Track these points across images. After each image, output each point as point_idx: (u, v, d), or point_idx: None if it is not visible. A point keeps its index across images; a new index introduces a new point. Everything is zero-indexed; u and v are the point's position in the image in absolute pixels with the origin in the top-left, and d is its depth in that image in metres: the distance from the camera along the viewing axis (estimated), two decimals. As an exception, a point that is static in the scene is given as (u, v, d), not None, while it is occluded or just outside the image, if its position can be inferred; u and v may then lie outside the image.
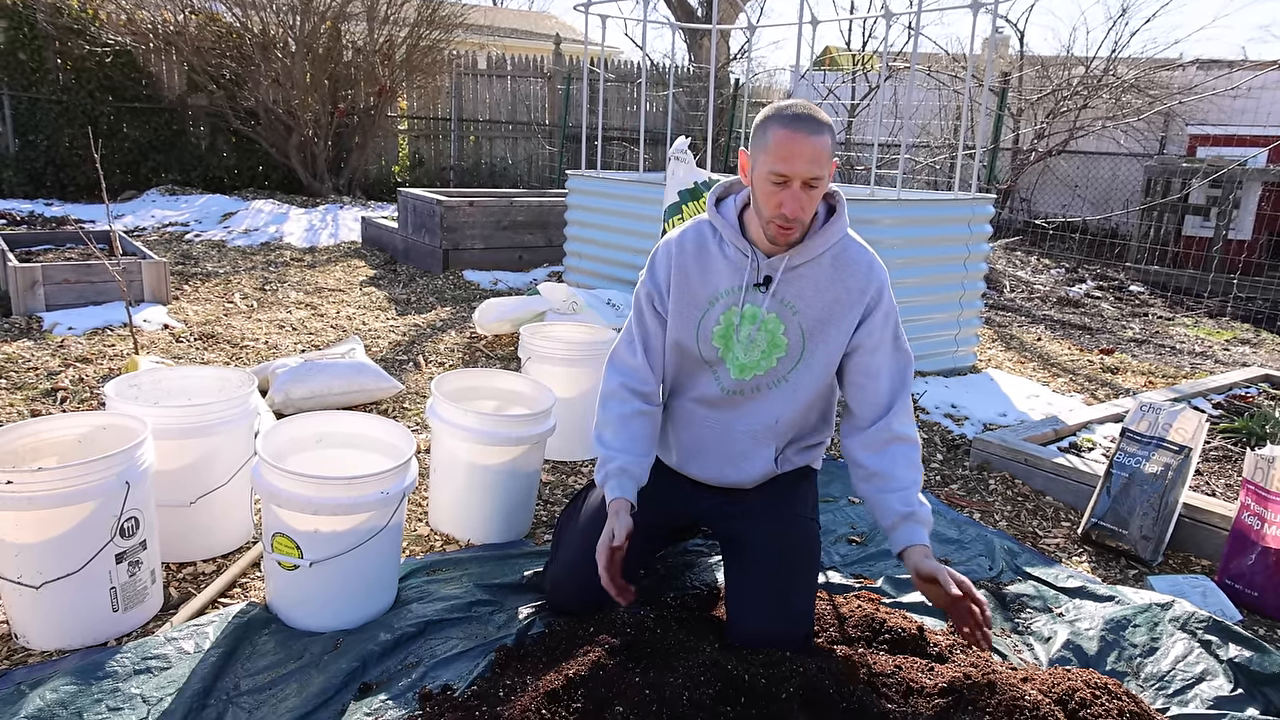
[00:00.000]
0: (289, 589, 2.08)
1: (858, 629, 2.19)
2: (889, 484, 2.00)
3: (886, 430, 2.03)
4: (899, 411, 2.04)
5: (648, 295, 2.12)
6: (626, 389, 2.11)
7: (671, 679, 1.76)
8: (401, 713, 1.82)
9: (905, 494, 1.98)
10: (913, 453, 2.04)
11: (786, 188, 1.86)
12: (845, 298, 2.01)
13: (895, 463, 2.01)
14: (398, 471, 2.07)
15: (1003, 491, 3.17)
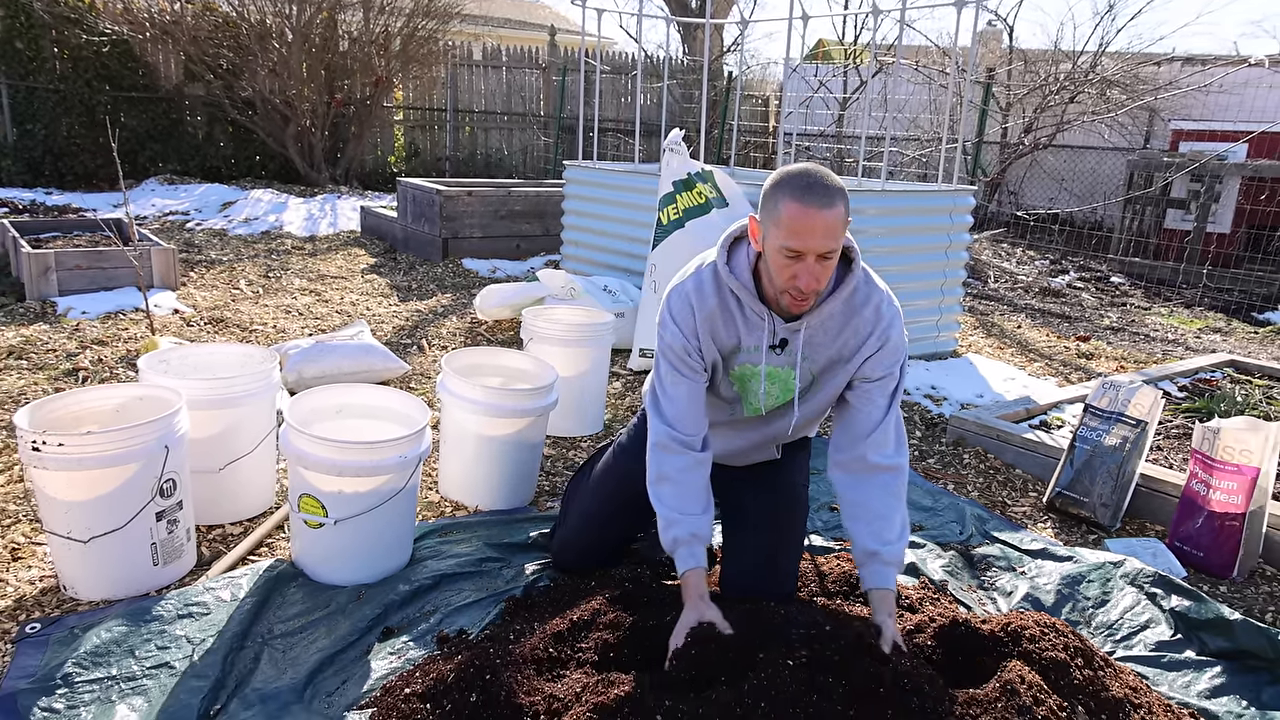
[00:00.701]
0: (314, 546, 2.26)
1: (836, 585, 2.39)
2: (861, 512, 2.01)
3: (866, 458, 2.01)
4: (883, 440, 2.02)
5: (683, 349, 2.03)
6: (677, 441, 2.03)
7: (667, 620, 1.96)
8: (422, 652, 2.01)
9: (876, 527, 1.98)
10: (893, 482, 2.01)
11: (800, 261, 1.80)
12: (854, 340, 2.00)
13: (871, 492, 2.01)
14: (414, 438, 2.26)
15: (976, 465, 3.37)
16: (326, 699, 1.85)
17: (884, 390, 2.04)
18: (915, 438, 3.65)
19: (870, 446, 2.02)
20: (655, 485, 2.07)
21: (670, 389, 2.06)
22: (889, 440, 2.04)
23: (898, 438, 2.07)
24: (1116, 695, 1.81)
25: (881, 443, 2.03)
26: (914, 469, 3.29)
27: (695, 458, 2.05)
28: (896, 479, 2.03)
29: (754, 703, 1.62)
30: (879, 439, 2.03)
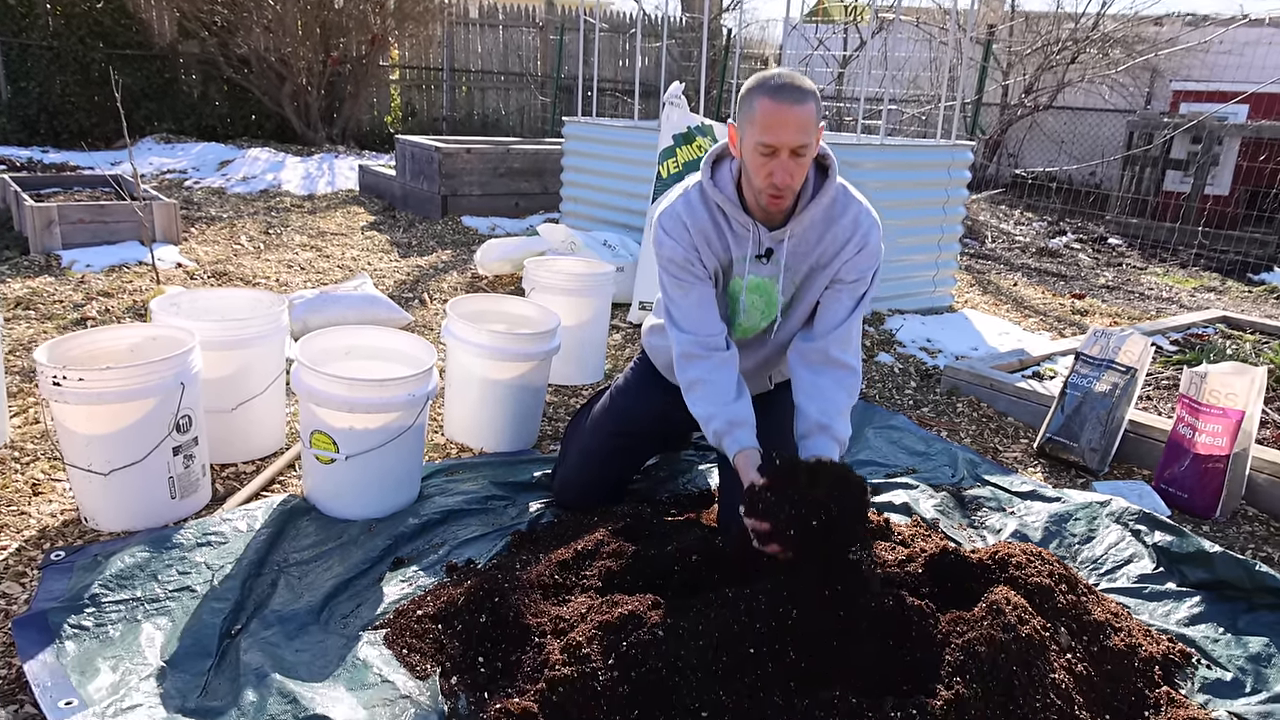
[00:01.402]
0: (326, 481, 2.33)
1: (831, 522, 2.46)
2: (815, 393, 2.08)
3: (827, 351, 2.11)
4: (845, 339, 2.12)
5: (684, 258, 2.10)
6: (699, 345, 2.11)
7: (668, 549, 2.03)
8: (432, 580, 2.09)
9: (826, 407, 2.05)
10: (848, 378, 2.11)
11: (775, 158, 1.89)
12: (833, 246, 2.11)
13: (827, 381, 2.09)
14: (422, 377, 2.32)
15: (969, 413, 3.44)
16: (342, 620, 1.93)
17: (853, 294, 2.15)
18: (910, 388, 3.72)
19: (832, 342, 2.12)
20: (689, 393, 2.14)
21: (680, 299, 2.14)
22: (849, 341, 2.15)
23: (857, 345, 2.18)
24: (1098, 619, 1.90)
25: (843, 340, 2.13)
26: (909, 418, 3.37)
27: (721, 357, 2.13)
28: (851, 378, 2.13)
29: (749, 620, 1.70)
30: (841, 335, 2.13)
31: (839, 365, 2.12)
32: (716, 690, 1.60)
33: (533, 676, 1.70)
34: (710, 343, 2.12)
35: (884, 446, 3.09)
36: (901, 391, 3.67)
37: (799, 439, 2.07)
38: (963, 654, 1.64)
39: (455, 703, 1.69)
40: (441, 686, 1.71)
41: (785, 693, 1.61)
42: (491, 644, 1.82)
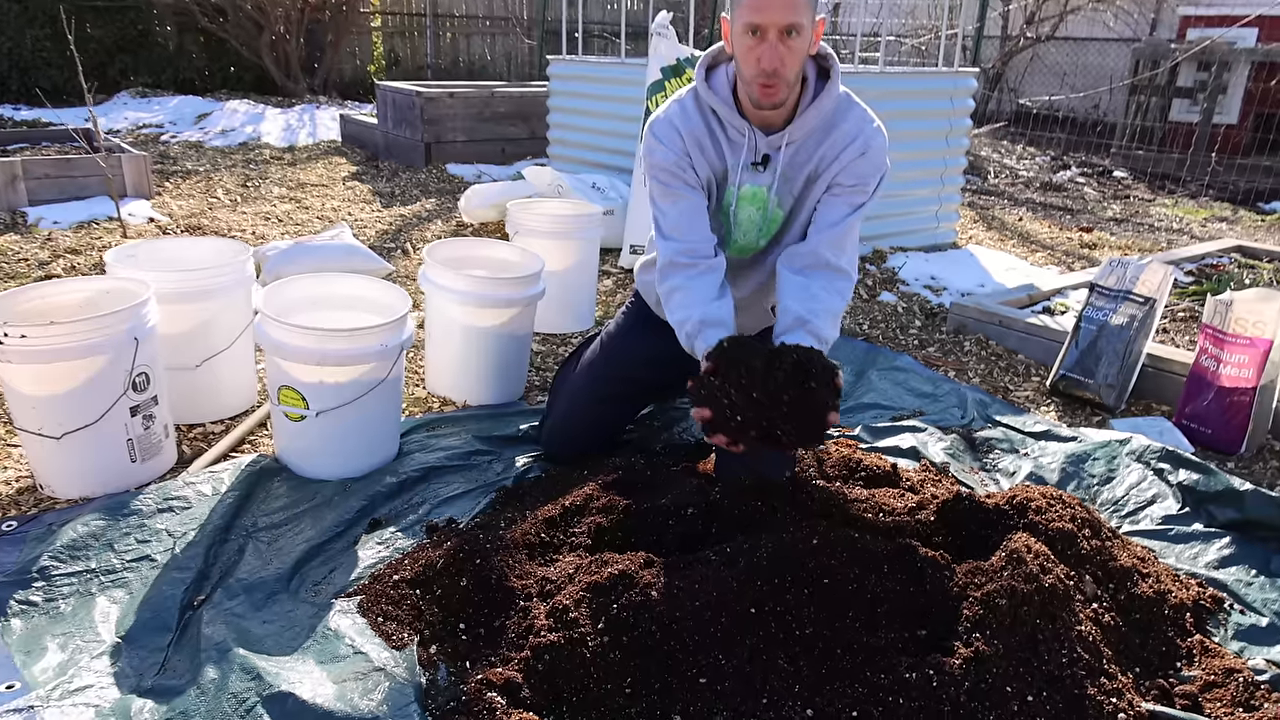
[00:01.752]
0: (297, 439, 2.19)
1: (836, 469, 2.33)
2: (801, 292, 1.93)
3: (818, 252, 1.97)
4: (838, 242, 1.98)
5: (675, 164, 1.98)
6: (683, 254, 1.98)
7: (662, 502, 1.89)
8: (410, 541, 1.95)
9: (813, 305, 1.89)
10: (839, 281, 1.97)
11: (763, 40, 1.79)
12: (832, 151, 1.97)
13: (817, 281, 1.94)
14: (395, 325, 2.16)
15: (977, 352, 3.29)
16: (314, 587, 1.80)
17: (850, 200, 2.01)
18: (915, 327, 3.57)
19: (825, 244, 1.98)
20: (667, 302, 2.02)
21: (669, 209, 2.02)
22: (844, 246, 2.00)
23: (852, 253, 2.02)
24: (1124, 565, 1.77)
25: (836, 244, 1.98)
26: (914, 358, 3.22)
27: (707, 264, 2.00)
28: (843, 282, 1.98)
29: (751, 577, 1.57)
30: (834, 238, 1.98)
31: (830, 268, 1.97)
32: (715, 654, 1.47)
33: (518, 644, 1.57)
34: (696, 250, 1.99)
35: (889, 389, 2.94)
36: (906, 331, 3.52)
37: (775, 338, 1.89)
38: (982, 608, 1.51)
39: (434, 674, 1.56)
40: (419, 656, 1.59)
41: (791, 655, 1.48)
42: (473, 609, 1.69)
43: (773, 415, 1.66)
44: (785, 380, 1.66)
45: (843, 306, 1.97)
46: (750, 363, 1.68)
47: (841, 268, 1.99)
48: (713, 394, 1.67)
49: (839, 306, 1.96)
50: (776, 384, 1.65)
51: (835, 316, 1.95)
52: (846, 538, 1.65)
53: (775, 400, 1.65)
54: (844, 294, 1.98)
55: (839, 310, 1.96)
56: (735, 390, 1.65)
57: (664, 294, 2.02)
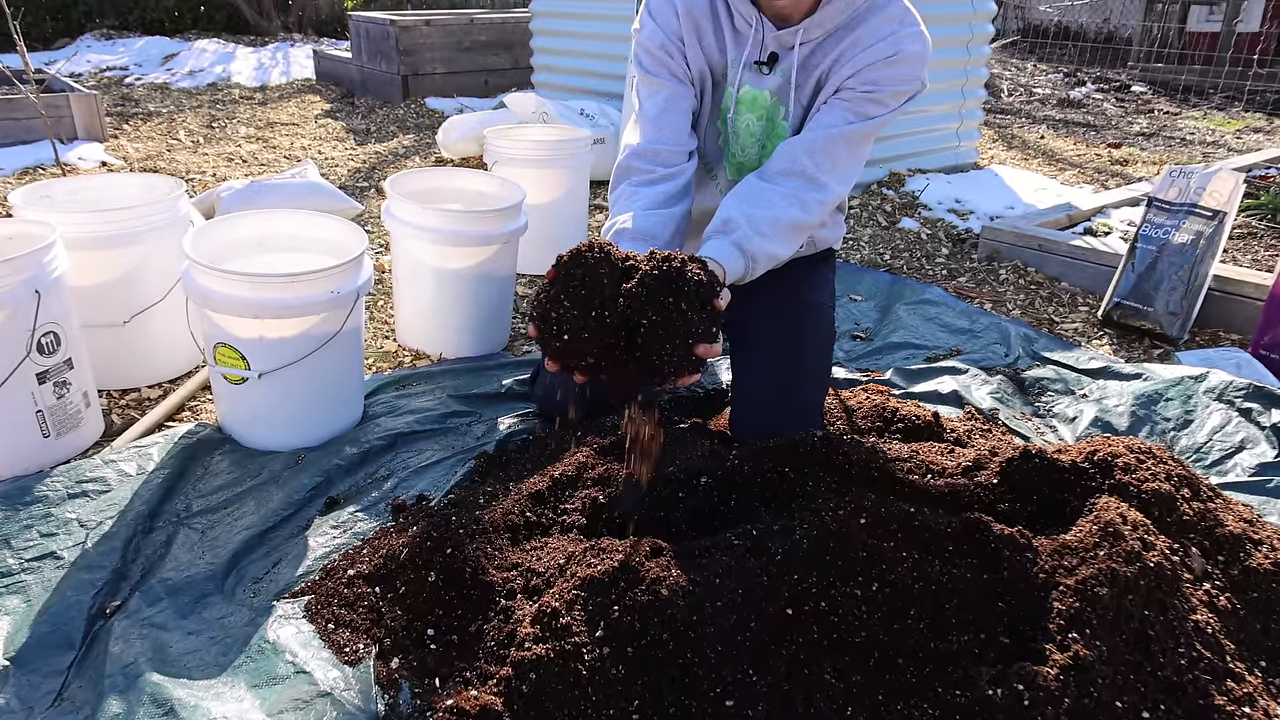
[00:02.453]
0: (240, 405, 1.87)
1: (868, 420, 2.01)
2: (744, 196, 1.56)
3: (792, 156, 1.58)
4: (823, 150, 1.59)
5: (662, 46, 1.67)
6: (644, 158, 1.65)
7: (669, 470, 1.58)
8: (372, 524, 1.64)
9: (753, 211, 1.52)
10: (806, 191, 1.57)
11: None
12: (852, 51, 1.61)
13: (774, 187, 1.57)
14: (348, 268, 1.82)
15: (1014, 281, 2.96)
16: (253, 585, 1.49)
17: (856, 109, 1.61)
18: (941, 256, 3.22)
19: (804, 148, 1.59)
20: (610, 209, 1.66)
21: (646, 101, 1.69)
22: (834, 157, 1.60)
23: (844, 172, 1.63)
24: (1233, 531, 1.46)
25: (824, 150, 1.59)
26: (944, 289, 2.88)
27: (663, 172, 1.64)
28: (810, 192, 1.59)
29: (785, 568, 1.26)
30: (818, 143, 1.59)
31: (804, 177, 1.59)
32: (744, 668, 1.17)
33: (498, 654, 1.27)
34: (660, 155, 1.64)
35: (920, 325, 2.61)
36: (932, 260, 3.18)
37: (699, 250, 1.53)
38: (1077, 599, 1.20)
39: (395, 696, 1.26)
40: (377, 673, 1.29)
41: (840, 668, 1.18)
42: (444, 610, 1.38)
43: (614, 341, 1.27)
44: (641, 299, 1.25)
45: (803, 220, 1.57)
46: (596, 271, 1.27)
47: (817, 178, 1.59)
48: (545, 308, 1.29)
49: (796, 218, 1.56)
50: (628, 302, 1.25)
51: (786, 229, 1.55)
52: (901, 513, 1.34)
53: (621, 323, 1.26)
54: (809, 207, 1.58)
55: (796, 223, 1.56)
56: (574, 305, 1.26)
57: (611, 202, 1.69)
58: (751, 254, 1.51)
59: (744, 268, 1.52)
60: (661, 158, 1.65)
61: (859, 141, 1.65)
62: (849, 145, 1.63)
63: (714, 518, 1.54)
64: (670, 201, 1.63)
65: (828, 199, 1.62)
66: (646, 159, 1.65)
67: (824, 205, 1.63)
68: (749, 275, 1.54)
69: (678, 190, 1.65)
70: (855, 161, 1.68)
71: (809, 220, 1.60)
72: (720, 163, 1.80)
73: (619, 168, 1.69)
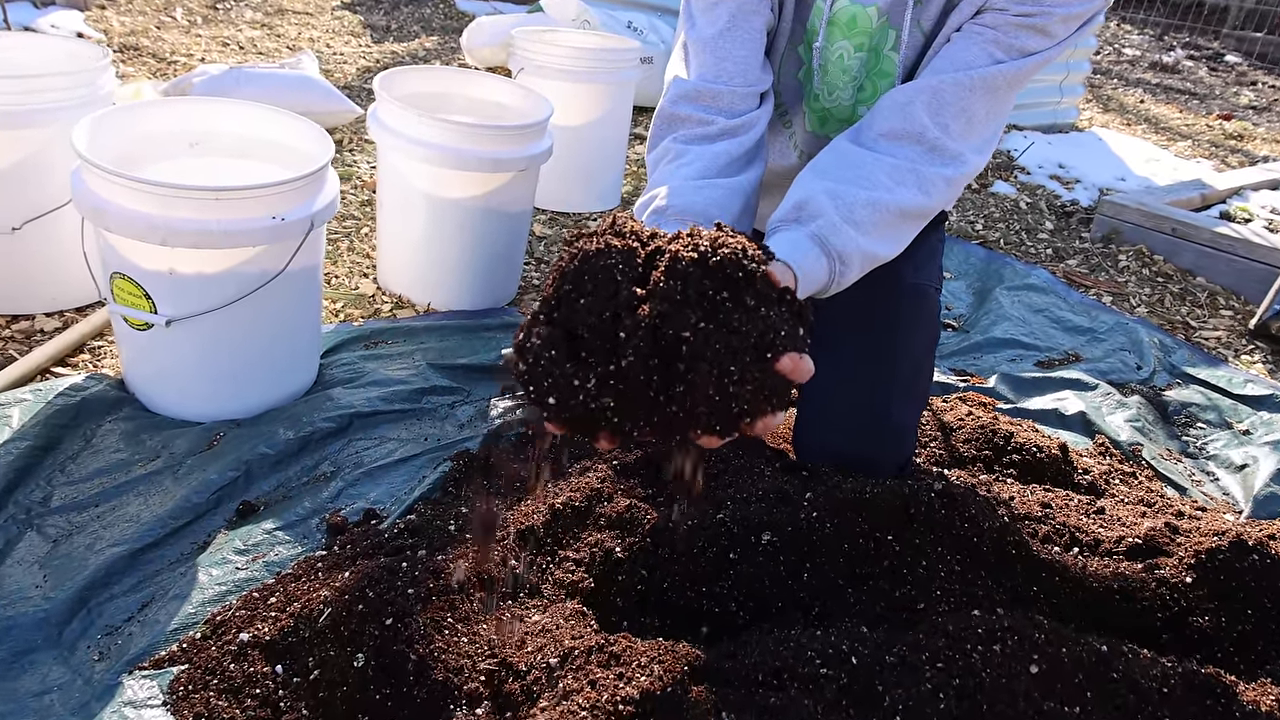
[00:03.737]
0: (145, 358, 1.40)
1: (973, 446, 1.53)
2: (829, 168, 1.06)
3: (907, 111, 1.07)
4: (952, 101, 1.07)
5: None
6: (699, 99, 1.12)
7: (716, 518, 1.10)
8: (296, 550, 1.18)
9: (840, 184, 1.02)
10: (928, 163, 1.06)
11: None
12: None
13: (881, 153, 1.06)
14: (302, 187, 1.33)
15: (1137, 270, 2.43)
16: (102, 640, 1.03)
17: (1007, 41, 1.08)
18: (1045, 231, 2.69)
19: (924, 98, 1.06)
20: (650, 171, 1.13)
21: (701, 18, 1.15)
22: (968, 111, 1.07)
23: (982, 133, 1.10)
24: None
25: (955, 103, 1.07)
26: (1051, 272, 2.36)
27: (723, 125, 1.10)
28: (938, 166, 1.06)
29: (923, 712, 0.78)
30: (953, 92, 1.06)
31: (916, 139, 1.06)
32: None
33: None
34: (721, 98, 1.11)
35: (1027, 318, 2.10)
36: (1034, 235, 2.65)
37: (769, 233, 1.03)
38: None
39: None
40: (255, 822, 0.84)
41: None
42: (372, 718, 0.92)
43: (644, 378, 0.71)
44: (676, 297, 0.71)
45: (920, 205, 1.05)
46: (611, 286, 0.72)
47: (943, 145, 1.07)
48: (534, 354, 0.72)
49: (909, 202, 1.04)
50: (657, 307, 0.71)
51: (893, 219, 1.03)
52: (1091, 655, 0.86)
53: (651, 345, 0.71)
54: (929, 186, 1.06)
55: (909, 209, 1.04)
56: (580, 348, 0.72)
57: (649, 166, 1.16)
58: (839, 252, 0.98)
59: (828, 273, 0.98)
60: (723, 102, 1.12)
61: (1006, 91, 1.10)
62: (991, 97, 1.09)
63: (778, 593, 1.07)
64: (734, 167, 1.10)
65: (958, 175, 1.09)
66: (701, 103, 1.12)
67: (951, 185, 1.09)
68: (834, 285, 1.00)
69: (745, 150, 1.12)
70: (997, 121, 1.14)
71: (927, 205, 1.07)
72: (797, 107, 1.27)
73: (660, 116, 1.15)
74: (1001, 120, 1.16)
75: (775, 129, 1.30)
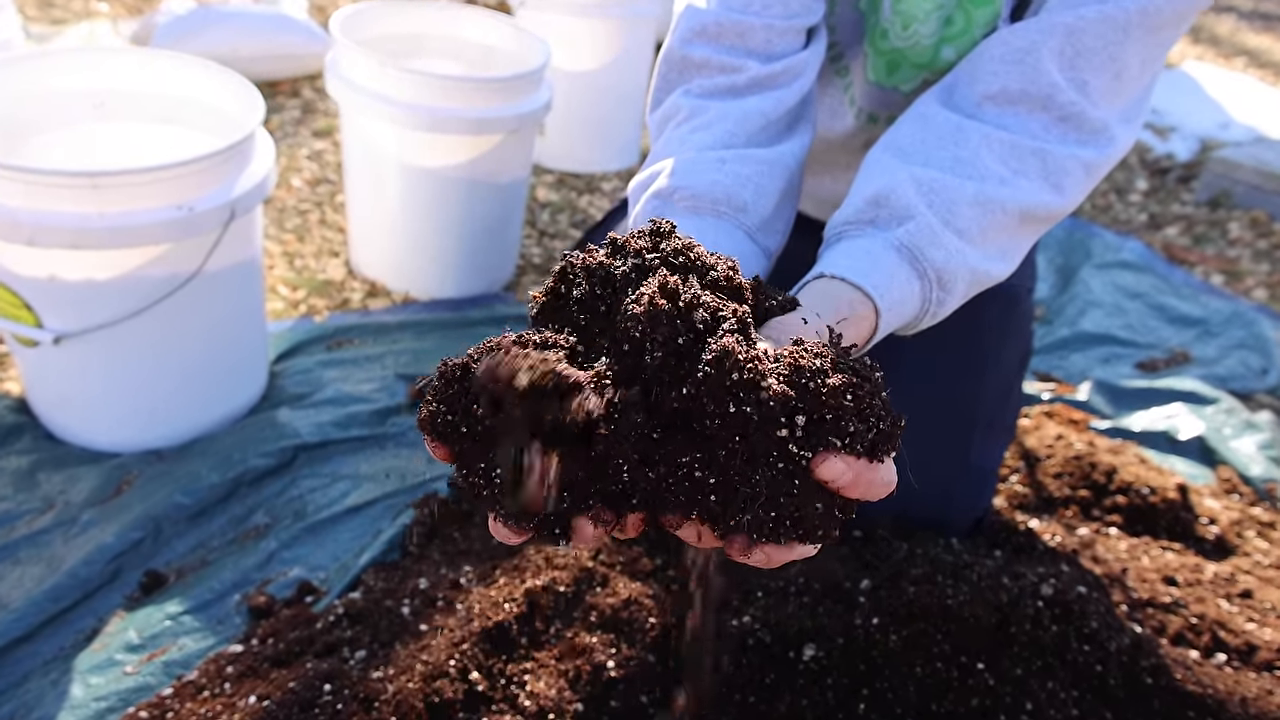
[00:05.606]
0: (41, 378, 1.14)
1: (1064, 482, 1.23)
2: (918, 139, 0.74)
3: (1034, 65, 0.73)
4: (1102, 51, 0.73)
5: None
6: (706, 39, 0.80)
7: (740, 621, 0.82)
8: (204, 643, 0.92)
9: (934, 181, 0.70)
10: (1057, 138, 0.74)
11: None
12: None
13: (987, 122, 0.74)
14: (216, 166, 1.04)
15: (1252, 242, 2.06)
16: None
17: None
18: (1137, 192, 2.32)
19: (1051, 43, 0.72)
20: (655, 134, 0.82)
21: None
22: (1115, 60, 0.73)
23: (1132, 93, 0.77)
24: None
25: (1094, 49, 0.73)
26: (1147, 244, 2.01)
27: (758, 71, 0.78)
28: (1071, 146, 0.73)
29: None
30: (1089, 36, 0.72)
31: (1040, 102, 0.73)
32: None
33: None
34: (751, 34, 0.78)
35: (1122, 304, 1.77)
36: (1124, 197, 2.28)
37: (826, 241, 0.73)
38: None
39: None
40: None
41: None
42: None
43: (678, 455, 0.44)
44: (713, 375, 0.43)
45: (1049, 203, 0.72)
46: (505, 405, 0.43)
47: (1083, 112, 0.74)
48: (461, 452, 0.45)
49: (1030, 199, 0.71)
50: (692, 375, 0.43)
51: (1013, 220, 0.71)
52: None
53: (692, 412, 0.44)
54: (1061, 176, 0.73)
55: (1033, 208, 0.72)
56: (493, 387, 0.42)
57: (651, 130, 0.84)
58: (939, 271, 0.67)
59: (920, 301, 0.67)
60: (754, 39, 0.78)
61: (1172, 29, 0.75)
62: (1151, 38, 0.74)
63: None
64: (771, 132, 0.78)
65: (1101, 159, 0.75)
66: (724, 42, 0.79)
67: (1091, 173, 0.75)
68: (928, 317, 0.70)
69: (787, 109, 0.79)
70: (1151, 75, 0.78)
71: (1058, 206, 0.73)
72: (857, 48, 0.92)
73: (667, 62, 0.82)
74: (1156, 75, 0.82)
75: (825, 79, 0.96)
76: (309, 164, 1.93)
